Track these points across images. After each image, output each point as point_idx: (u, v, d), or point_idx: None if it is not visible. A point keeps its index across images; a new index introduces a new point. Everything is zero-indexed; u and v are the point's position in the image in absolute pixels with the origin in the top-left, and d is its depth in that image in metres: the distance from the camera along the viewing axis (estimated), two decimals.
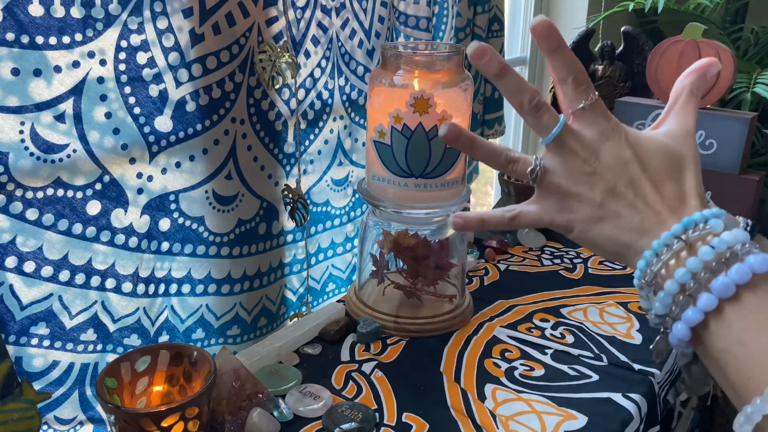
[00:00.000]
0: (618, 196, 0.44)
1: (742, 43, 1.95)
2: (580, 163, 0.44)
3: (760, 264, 0.38)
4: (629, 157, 0.44)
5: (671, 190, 0.43)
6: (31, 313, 0.69)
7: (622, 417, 0.71)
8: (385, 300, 0.90)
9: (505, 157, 0.47)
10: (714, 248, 0.39)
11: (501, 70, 0.44)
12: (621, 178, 0.44)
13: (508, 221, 0.48)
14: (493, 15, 1.27)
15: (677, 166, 0.44)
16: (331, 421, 0.68)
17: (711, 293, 0.38)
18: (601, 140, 0.44)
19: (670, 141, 0.45)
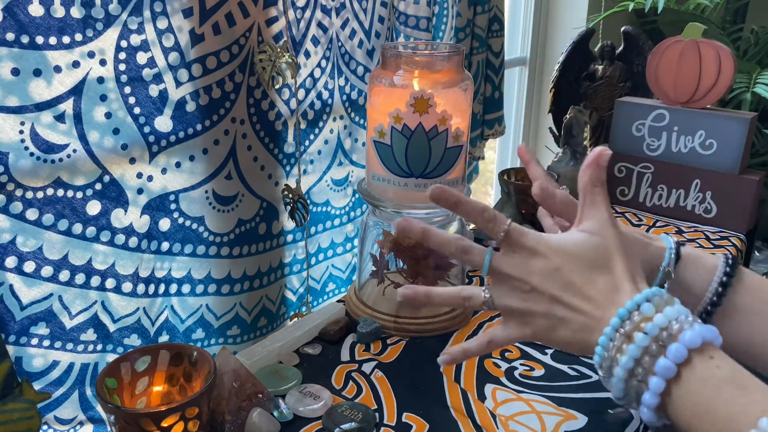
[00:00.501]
0: (559, 303, 0.48)
1: (742, 43, 1.95)
2: (518, 284, 0.49)
3: (693, 340, 0.41)
4: (558, 265, 0.48)
5: (603, 282, 0.47)
6: (31, 313, 0.69)
7: (622, 417, 0.71)
8: (385, 300, 0.90)
9: (458, 296, 0.53)
10: (647, 334, 0.43)
11: (423, 234, 0.51)
12: (555, 286, 0.48)
13: (486, 348, 0.54)
14: (493, 15, 1.27)
15: (603, 257, 0.48)
16: (331, 421, 0.68)
17: (657, 376, 0.42)
18: (528, 259, 0.49)
19: (591, 236, 0.49)
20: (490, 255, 0.50)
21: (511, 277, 0.49)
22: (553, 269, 0.48)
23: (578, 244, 0.49)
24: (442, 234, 0.52)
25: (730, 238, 1.19)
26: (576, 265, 0.48)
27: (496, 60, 1.32)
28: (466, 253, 0.51)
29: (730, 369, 0.42)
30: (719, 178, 1.21)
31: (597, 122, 1.48)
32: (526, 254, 0.49)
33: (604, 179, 0.51)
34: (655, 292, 0.45)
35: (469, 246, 0.51)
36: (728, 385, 0.40)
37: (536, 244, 0.49)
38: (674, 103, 1.24)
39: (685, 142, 1.23)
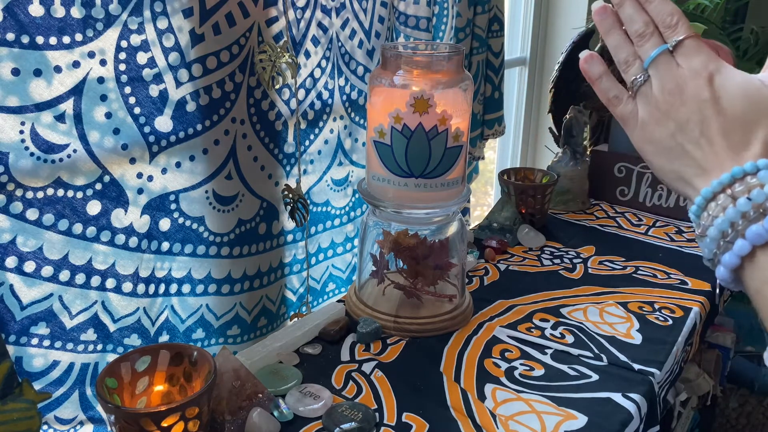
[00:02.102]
0: (686, 132, 0.47)
1: (742, 43, 1.95)
2: (668, 89, 0.48)
3: None
4: (706, 98, 0.47)
5: (739, 136, 0.45)
6: (31, 313, 0.69)
7: (622, 417, 0.71)
8: (385, 300, 0.90)
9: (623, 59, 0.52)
10: (751, 200, 0.42)
11: None
12: (693, 116, 0.47)
13: (610, 99, 0.53)
14: (493, 15, 1.27)
15: (756, 113, 0.46)
16: (331, 421, 0.68)
17: (745, 240, 0.42)
18: (689, 77, 0.48)
19: (761, 87, 0.46)
20: (660, 51, 0.49)
21: (667, 78, 0.49)
22: (702, 100, 0.47)
23: (743, 89, 0.47)
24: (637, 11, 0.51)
25: None
26: (725, 109, 0.46)
27: (496, 60, 1.32)
28: (642, 37, 0.50)
29: None
30: None
31: (597, 122, 1.48)
32: (689, 71, 0.48)
33: None
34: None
35: (649, 33, 0.50)
36: None
37: (702, 68, 0.47)
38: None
39: None
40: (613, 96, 0.53)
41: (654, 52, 0.49)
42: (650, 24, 0.50)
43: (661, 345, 0.85)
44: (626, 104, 0.52)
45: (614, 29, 0.53)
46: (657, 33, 0.50)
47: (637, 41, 0.50)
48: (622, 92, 0.52)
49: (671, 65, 0.49)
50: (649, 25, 0.50)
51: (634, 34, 0.51)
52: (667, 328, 0.88)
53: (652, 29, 0.50)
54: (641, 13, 0.50)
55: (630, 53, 0.51)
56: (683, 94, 0.47)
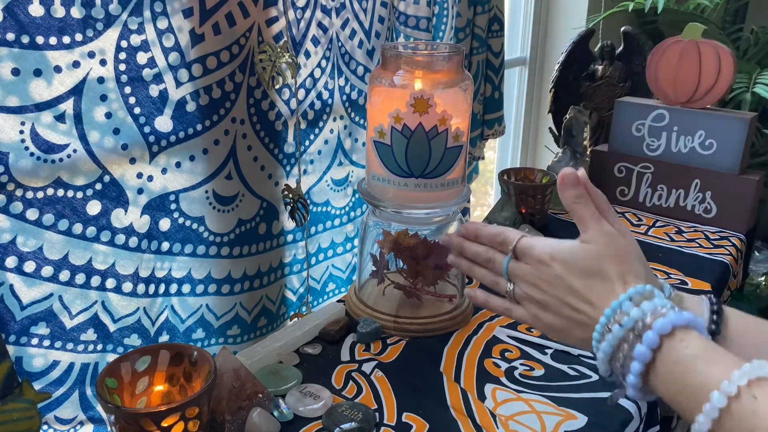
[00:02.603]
0: (565, 305, 0.56)
1: (742, 43, 1.95)
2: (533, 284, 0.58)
3: (663, 327, 0.48)
4: (559, 272, 0.56)
5: (599, 286, 0.54)
6: (31, 313, 0.69)
7: (622, 417, 0.71)
8: (385, 300, 0.90)
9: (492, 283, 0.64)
10: (622, 326, 0.50)
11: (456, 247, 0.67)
12: (561, 291, 0.56)
13: (503, 311, 0.62)
14: (493, 15, 1.27)
15: (596, 263, 0.54)
16: (331, 421, 0.68)
17: (636, 360, 0.49)
18: (536, 267, 0.58)
19: (585, 245, 0.56)
20: (507, 263, 0.60)
21: (526, 278, 0.59)
22: (556, 276, 0.56)
23: (575, 252, 0.56)
24: (474, 246, 0.64)
25: (729, 238, 1.19)
26: (575, 272, 0.55)
27: (496, 60, 1.32)
28: (490, 261, 0.62)
29: (700, 347, 0.47)
30: (719, 178, 1.21)
31: (597, 122, 1.48)
32: (534, 263, 0.58)
33: (580, 194, 0.57)
34: (638, 289, 0.52)
35: (492, 256, 0.62)
36: (698, 361, 0.46)
37: (540, 254, 0.57)
38: (674, 103, 1.24)
39: (685, 142, 1.23)
40: (503, 309, 0.62)
41: (504, 266, 0.60)
42: (489, 250, 0.62)
43: None
44: (516, 310, 0.61)
45: (472, 266, 0.65)
46: (497, 252, 0.62)
47: (489, 266, 0.63)
48: (507, 303, 0.62)
49: (521, 266, 0.59)
50: (489, 251, 0.62)
51: (484, 262, 0.63)
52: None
53: (492, 252, 0.62)
54: (478, 246, 0.64)
55: (492, 276, 0.63)
56: (542, 281, 0.57)
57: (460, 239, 0.65)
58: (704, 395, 0.44)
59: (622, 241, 0.56)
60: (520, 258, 0.59)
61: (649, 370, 0.49)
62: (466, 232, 0.65)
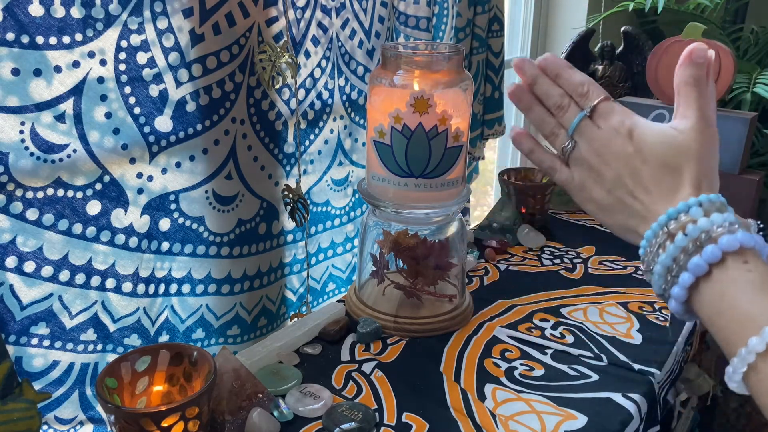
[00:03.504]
0: (620, 186, 0.51)
1: (742, 43, 1.95)
2: (597, 149, 0.52)
3: (730, 244, 0.44)
4: (631, 152, 0.50)
5: (668, 181, 0.49)
6: (31, 313, 0.69)
7: (622, 417, 0.71)
8: (385, 300, 0.90)
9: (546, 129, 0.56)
10: (687, 235, 0.45)
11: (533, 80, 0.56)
12: (623, 170, 0.51)
13: (546, 169, 0.57)
14: (493, 15, 1.27)
15: (677, 157, 0.49)
16: (331, 421, 0.68)
17: (688, 272, 0.45)
18: (610, 136, 0.51)
19: (676, 134, 0.50)
20: (580, 118, 0.53)
21: (592, 141, 0.52)
22: (627, 154, 0.51)
23: (661, 138, 0.50)
24: (550, 86, 0.55)
25: None
26: (649, 158, 0.50)
27: (496, 60, 1.32)
28: (560, 108, 0.54)
29: (762, 274, 0.44)
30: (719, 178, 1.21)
31: None
32: (610, 131, 0.52)
33: (699, 76, 0.51)
34: (711, 198, 0.47)
35: (566, 104, 0.54)
36: (755, 288, 0.43)
37: (620, 125, 0.51)
38: (674, 103, 1.24)
39: None
40: (547, 167, 0.57)
41: (575, 120, 0.53)
42: (565, 96, 0.54)
43: (661, 345, 0.85)
44: (561, 172, 0.56)
45: (533, 106, 0.56)
46: (573, 102, 0.54)
47: (557, 113, 0.55)
48: (555, 161, 0.56)
49: (593, 129, 0.52)
50: (564, 97, 0.54)
51: (552, 107, 0.55)
52: (668, 329, 0.88)
53: (568, 100, 0.54)
54: (554, 87, 0.55)
55: (553, 125, 0.55)
56: (609, 152, 0.51)
57: (536, 71, 0.55)
58: (752, 326, 0.41)
59: (711, 147, 0.50)
60: (596, 119, 0.52)
61: (699, 284, 0.45)
62: (546, 65, 0.55)
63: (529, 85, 0.56)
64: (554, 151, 0.57)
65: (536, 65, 0.55)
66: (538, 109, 0.56)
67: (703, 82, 0.51)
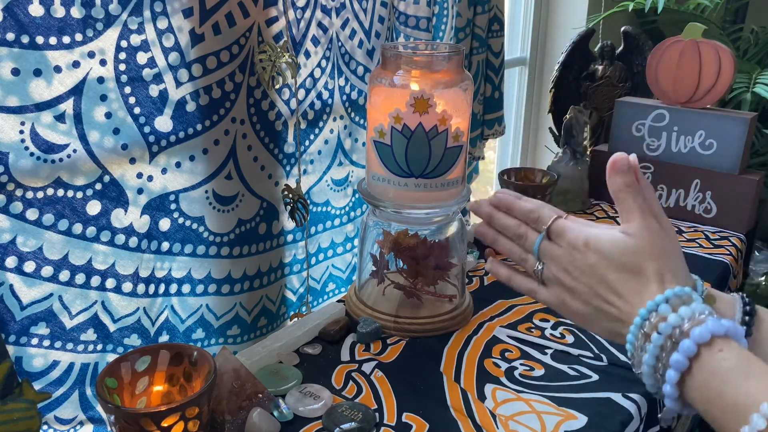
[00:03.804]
0: (595, 295, 0.54)
1: (742, 43, 1.95)
2: (564, 267, 0.55)
3: (702, 335, 0.45)
4: (594, 263, 0.53)
5: (633, 283, 0.52)
6: (31, 313, 0.69)
7: (622, 417, 0.71)
8: (385, 300, 0.90)
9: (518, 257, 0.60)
10: (661, 333, 0.48)
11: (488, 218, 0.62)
12: (593, 279, 0.53)
13: (527, 291, 0.60)
14: (493, 15, 1.27)
15: (635, 259, 0.52)
16: (331, 421, 0.68)
17: (672, 368, 0.47)
18: (569, 252, 0.55)
19: (627, 238, 0.53)
20: (539, 242, 0.57)
21: (556, 259, 0.56)
22: (591, 265, 0.53)
23: (614, 245, 0.53)
24: (505, 219, 0.60)
25: (729, 238, 1.19)
26: (610, 264, 0.52)
27: (496, 60, 1.32)
28: (520, 237, 0.59)
29: (738, 359, 0.45)
30: (719, 178, 1.21)
31: (597, 122, 1.48)
32: (568, 248, 0.55)
33: (629, 182, 0.54)
34: (677, 292, 0.49)
35: (524, 232, 0.58)
36: (735, 374, 0.44)
37: (575, 240, 0.54)
38: (674, 103, 1.24)
39: (685, 142, 1.23)
40: (527, 290, 0.60)
41: (536, 245, 0.57)
42: (521, 225, 0.59)
43: None
44: (540, 292, 0.59)
45: (498, 238, 0.61)
46: (530, 229, 0.58)
47: (519, 241, 0.59)
48: (532, 283, 0.59)
49: (553, 248, 0.56)
50: (520, 226, 0.59)
51: (513, 237, 0.60)
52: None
53: (524, 228, 0.59)
54: (510, 219, 0.60)
55: (520, 252, 0.59)
56: (575, 267, 0.54)
57: (490, 209, 0.61)
58: (741, 414, 0.42)
59: (664, 238, 0.53)
60: (554, 239, 0.56)
61: (686, 379, 0.46)
62: (497, 202, 0.61)
63: (487, 222, 0.62)
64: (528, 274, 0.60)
65: (488, 203, 0.61)
66: (503, 240, 0.61)
67: (633, 186, 0.54)
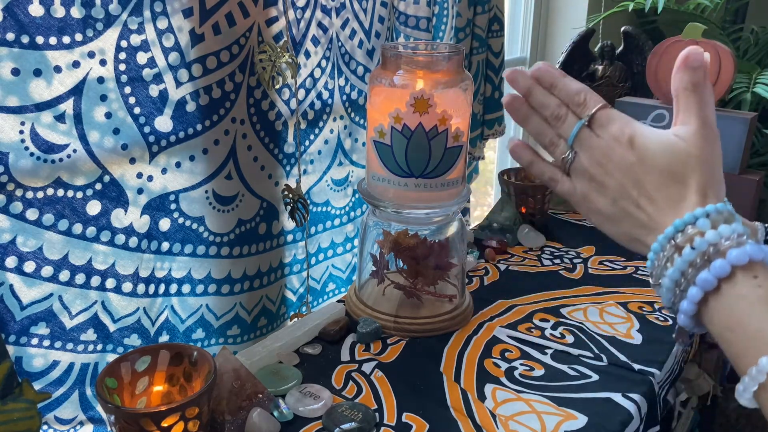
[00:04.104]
0: (624, 196, 0.49)
1: (742, 43, 1.95)
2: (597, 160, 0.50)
3: (738, 258, 0.42)
4: (633, 161, 0.49)
5: (673, 190, 0.48)
6: (31, 313, 0.69)
7: (622, 417, 0.71)
8: (385, 300, 0.90)
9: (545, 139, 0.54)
10: (695, 249, 0.44)
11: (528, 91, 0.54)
12: (626, 180, 0.49)
13: (547, 181, 0.55)
14: (493, 15, 1.27)
15: (681, 165, 0.48)
16: (331, 421, 0.68)
17: (696, 286, 0.44)
18: (610, 144, 0.50)
19: (678, 140, 0.48)
20: (579, 128, 0.51)
21: (592, 151, 0.51)
22: (630, 163, 0.49)
23: (663, 146, 0.48)
24: (545, 96, 0.53)
25: None
26: (652, 167, 0.48)
27: (496, 60, 1.32)
28: (558, 118, 0.52)
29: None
30: None
31: None
32: (610, 140, 0.50)
33: (697, 81, 0.49)
34: (719, 208, 0.45)
35: (564, 114, 0.52)
36: (766, 305, 0.42)
37: (620, 134, 0.49)
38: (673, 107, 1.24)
39: None
40: (548, 178, 0.55)
41: (574, 130, 0.51)
42: (562, 105, 0.52)
43: (661, 345, 0.85)
44: (563, 183, 0.54)
45: (531, 116, 0.54)
46: (571, 112, 0.52)
47: (554, 123, 0.53)
48: (555, 172, 0.54)
49: (592, 138, 0.51)
50: (561, 107, 0.52)
51: (550, 117, 0.53)
52: (667, 328, 0.88)
53: (565, 110, 0.52)
54: (550, 97, 0.53)
55: (552, 135, 0.53)
56: (611, 162, 0.50)
57: (530, 82, 0.54)
58: (763, 345, 0.41)
59: (715, 152, 0.48)
60: (595, 128, 0.51)
61: (709, 300, 0.44)
62: (540, 75, 0.53)
63: (524, 95, 0.54)
64: (554, 161, 0.55)
65: (530, 76, 0.54)
66: (535, 119, 0.54)
67: (701, 86, 0.49)
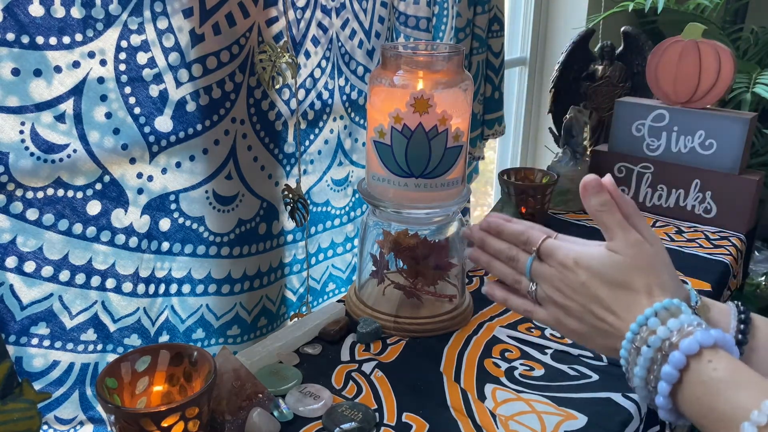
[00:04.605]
0: (589, 312, 0.55)
1: (742, 43, 1.95)
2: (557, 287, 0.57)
3: (690, 347, 0.47)
4: (584, 281, 0.55)
5: (623, 296, 0.53)
6: (31, 313, 0.69)
7: (622, 417, 0.71)
8: (385, 300, 0.90)
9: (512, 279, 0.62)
10: (650, 347, 0.49)
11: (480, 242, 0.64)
12: (585, 298, 0.55)
13: (523, 312, 0.61)
14: (493, 15, 1.27)
15: (621, 274, 0.53)
16: (331, 421, 0.68)
17: (662, 380, 0.48)
18: (560, 271, 0.56)
19: (612, 254, 0.54)
20: (530, 264, 0.59)
21: (549, 280, 0.57)
22: (581, 283, 0.55)
23: (602, 261, 0.54)
24: (496, 243, 0.62)
25: (729, 238, 1.19)
26: (601, 282, 0.54)
27: (496, 60, 1.32)
28: (512, 260, 0.60)
29: (728, 369, 0.46)
30: (719, 178, 1.21)
31: (597, 122, 1.48)
32: (558, 266, 0.57)
33: (604, 201, 0.55)
34: (665, 304, 0.50)
35: (515, 254, 0.60)
36: (725, 385, 0.45)
37: (565, 258, 0.56)
38: (674, 103, 1.24)
39: (685, 142, 1.23)
40: (524, 311, 0.61)
41: (527, 266, 0.59)
42: (512, 248, 0.61)
43: None
44: (537, 312, 0.60)
45: (491, 262, 0.63)
46: (521, 250, 0.60)
47: (511, 264, 0.61)
48: (528, 304, 0.61)
49: (544, 268, 0.58)
50: (511, 249, 0.61)
51: (506, 260, 0.61)
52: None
53: (515, 251, 0.60)
54: (500, 243, 0.62)
55: (514, 274, 0.61)
56: (566, 286, 0.56)
57: (481, 234, 0.63)
58: (732, 424, 0.43)
59: (649, 251, 0.54)
60: (544, 259, 0.58)
61: (677, 391, 0.48)
62: (488, 226, 0.63)
63: (480, 246, 0.63)
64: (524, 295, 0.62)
65: (479, 229, 0.63)
66: (496, 264, 0.62)
67: (608, 204, 0.55)
